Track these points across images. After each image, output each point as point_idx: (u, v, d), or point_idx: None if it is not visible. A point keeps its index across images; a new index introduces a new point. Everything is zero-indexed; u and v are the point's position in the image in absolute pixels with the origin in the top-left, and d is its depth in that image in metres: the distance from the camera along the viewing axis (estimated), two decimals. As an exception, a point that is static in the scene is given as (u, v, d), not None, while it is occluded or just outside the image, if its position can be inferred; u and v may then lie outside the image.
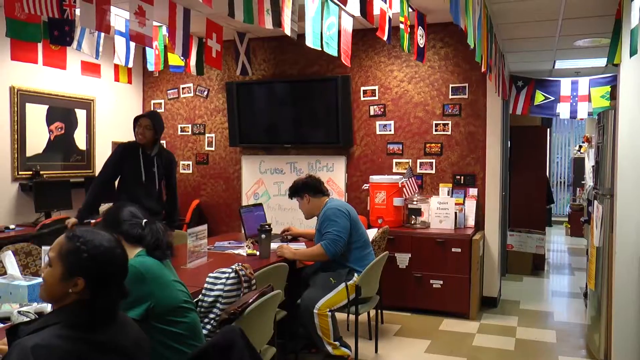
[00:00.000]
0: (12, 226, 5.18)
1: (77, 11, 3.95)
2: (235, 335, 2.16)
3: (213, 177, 6.91)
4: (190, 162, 7.01)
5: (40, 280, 2.61)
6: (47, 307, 2.49)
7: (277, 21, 3.31)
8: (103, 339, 1.64)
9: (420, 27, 4.76)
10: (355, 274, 3.99)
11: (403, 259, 5.41)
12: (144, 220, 2.45)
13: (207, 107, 6.91)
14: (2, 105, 5.43)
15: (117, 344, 1.68)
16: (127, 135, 7.02)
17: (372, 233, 4.67)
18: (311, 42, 3.59)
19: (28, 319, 2.33)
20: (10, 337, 1.64)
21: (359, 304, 3.96)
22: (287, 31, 3.38)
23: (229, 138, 6.64)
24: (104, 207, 6.14)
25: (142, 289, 2.20)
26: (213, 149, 6.89)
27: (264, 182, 6.57)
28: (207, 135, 6.91)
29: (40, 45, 5.46)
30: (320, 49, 3.74)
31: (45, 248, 3.06)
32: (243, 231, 4.69)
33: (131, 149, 4.56)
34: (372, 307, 4.29)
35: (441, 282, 5.31)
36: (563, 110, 6.60)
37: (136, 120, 4.56)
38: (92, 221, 5.23)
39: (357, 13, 3.71)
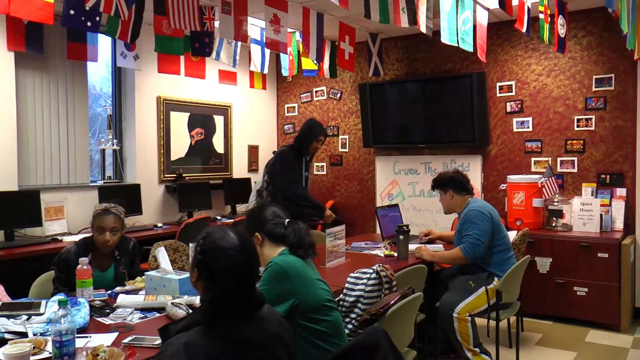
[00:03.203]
0: (159, 224, 5.57)
1: (216, 23, 4.16)
2: (380, 336, 2.14)
3: (347, 178, 6.98)
4: (324, 164, 7.14)
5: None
6: (196, 300, 2.64)
7: (413, 19, 3.28)
8: (241, 336, 1.69)
9: (560, 15, 4.50)
10: (496, 278, 3.82)
11: (544, 264, 5.12)
12: (287, 220, 2.51)
13: (340, 109, 7.00)
14: (150, 114, 5.89)
15: (256, 340, 1.72)
16: (262, 139, 7.32)
17: (511, 235, 4.45)
18: (447, 38, 3.52)
19: (181, 310, 2.48)
20: (163, 335, 1.77)
21: (500, 310, 3.79)
22: (423, 28, 3.34)
23: (362, 139, 6.68)
24: (240, 207, 6.45)
25: (286, 286, 2.25)
26: (347, 150, 6.96)
27: (398, 182, 6.53)
28: (340, 137, 7.01)
29: (182, 58, 5.83)
30: (455, 45, 3.65)
31: (192, 245, 3.23)
32: (379, 232, 4.68)
33: (297, 154, 4.78)
34: (512, 314, 4.09)
35: (586, 289, 4.95)
36: None
37: (315, 134, 4.73)
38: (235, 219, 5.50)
39: (496, 5, 3.58)
